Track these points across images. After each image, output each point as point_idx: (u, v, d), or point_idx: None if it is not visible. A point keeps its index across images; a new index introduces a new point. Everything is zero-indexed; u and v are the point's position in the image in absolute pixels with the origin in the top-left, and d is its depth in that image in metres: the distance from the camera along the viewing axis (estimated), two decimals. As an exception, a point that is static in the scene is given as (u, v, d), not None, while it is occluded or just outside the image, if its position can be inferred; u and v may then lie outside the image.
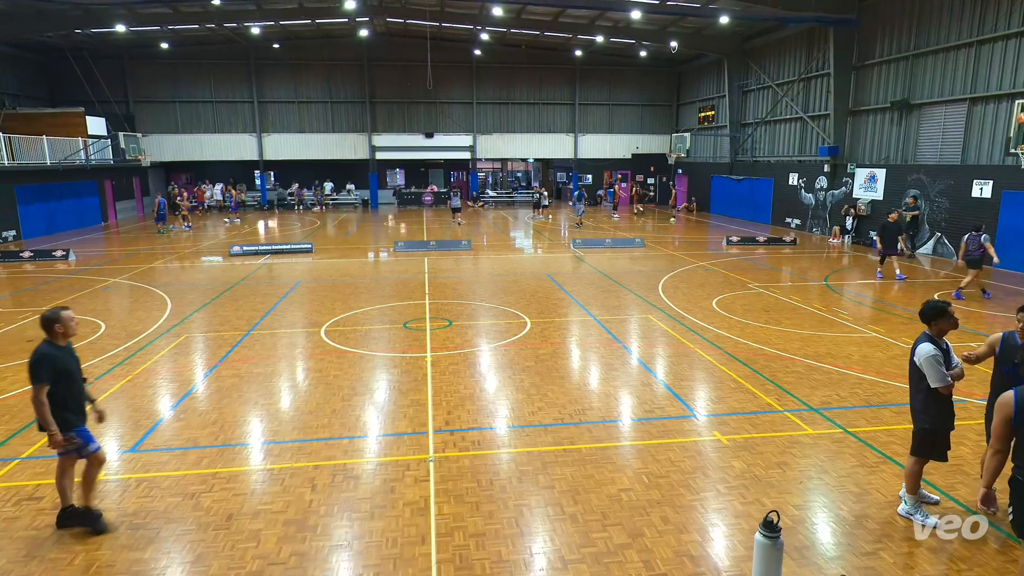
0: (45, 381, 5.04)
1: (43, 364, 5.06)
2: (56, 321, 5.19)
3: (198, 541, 5.14)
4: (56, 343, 5.22)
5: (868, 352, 9.92)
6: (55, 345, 5.21)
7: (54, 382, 5.09)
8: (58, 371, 5.11)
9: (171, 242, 23.70)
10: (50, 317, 5.21)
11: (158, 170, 37.12)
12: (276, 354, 10.09)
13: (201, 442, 6.94)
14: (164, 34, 31.25)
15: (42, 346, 5.17)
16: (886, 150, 21.87)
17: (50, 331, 5.21)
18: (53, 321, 5.19)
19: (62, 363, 5.17)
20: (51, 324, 5.20)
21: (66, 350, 5.30)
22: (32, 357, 5.09)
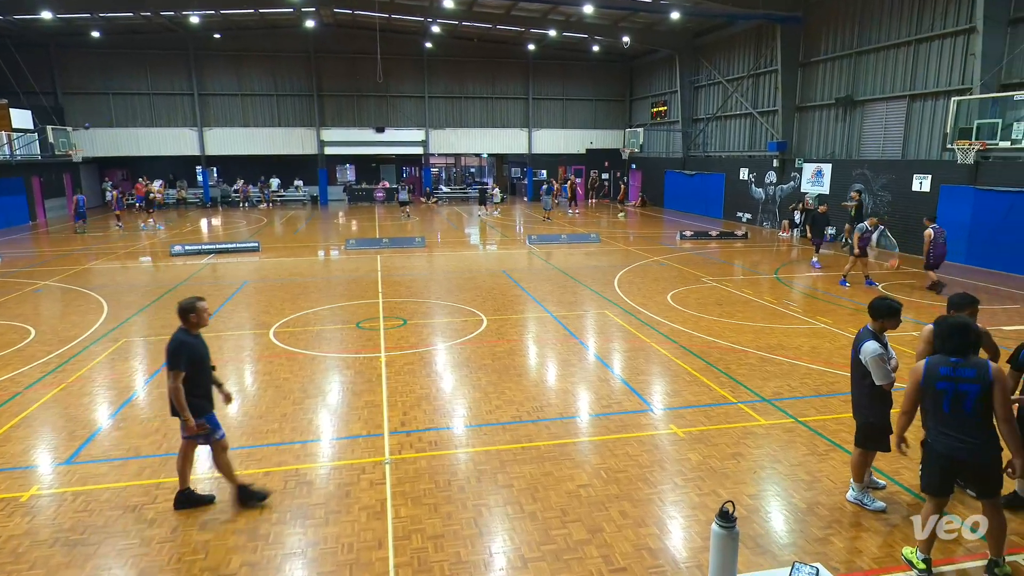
0: (182, 368, 5.24)
1: (182, 351, 5.25)
2: (192, 311, 5.39)
3: (141, 555, 4.91)
4: (190, 331, 5.42)
5: (817, 343, 10.22)
6: (189, 333, 5.41)
7: (189, 369, 5.28)
8: (193, 359, 5.32)
9: (107, 242, 22.65)
10: (186, 307, 5.41)
11: (91, 166, 35.35)
12: (222, 357, 9.71)
13: (143, 451, 6.64)
14: (95, 22, 29.65)
15: (178, 334, 5.36)
16: (831, 145, 22.63)
17: (186, 320, 5.41)
18: (189, 311, 5.39)
19: (197, 351, 5.39)
20: (187, 313, 5.40)
21: (198, 338, 5.50)
22: (171, 345, 5.28)
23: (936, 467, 4.54)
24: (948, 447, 4.43)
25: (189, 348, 5.31)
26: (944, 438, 4.45)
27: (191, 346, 5.34)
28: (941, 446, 4.47)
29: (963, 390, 4.33)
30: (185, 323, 5.42)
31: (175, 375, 5.23)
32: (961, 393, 4.34)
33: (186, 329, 5.42)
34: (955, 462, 4.44)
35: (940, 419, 4.47)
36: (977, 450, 4.36)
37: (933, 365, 4.44)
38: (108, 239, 23.42)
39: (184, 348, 5.28)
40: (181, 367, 5.24)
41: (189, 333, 5.42)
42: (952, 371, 4.36)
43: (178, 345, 5.27)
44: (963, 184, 17.24)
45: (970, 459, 4.39)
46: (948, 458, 4.45)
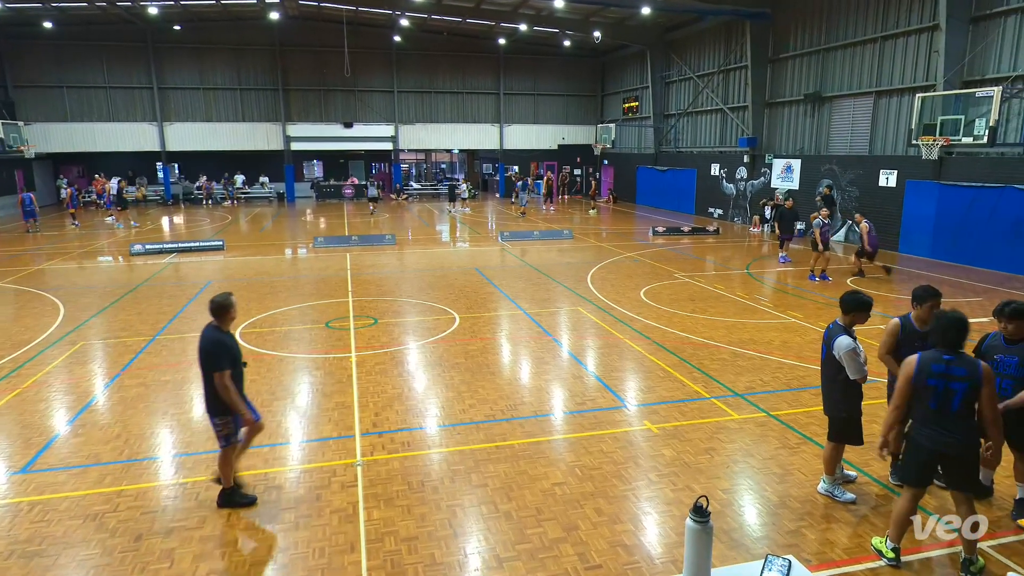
0: (228, 366, 5.19)
1: (223, 350, 5.21)
2: (230, 307, 5.34)
3: (103, 566, 4.76)
4: (223, 328, 5.35)
5: (788, 337, 10.36)
6: (221, 330, 5.33)
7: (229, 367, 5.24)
8: (232, 356, 5.29)
9: (63, 241, 21.91)
10: (223, 303, 5.32)
11: (45, 162, 34.12)
12: (186, 360, 9.45)
13: (103, 458, 6.42)
14: (47, 12, 28.49)
15: (213, 333, 5.28)
16: (801, 141, 23.01)
17: (221, 317, 5.32)
18: (227, 308, 5.32)
19: (235, 348, 5.36)
20: (224, 310, 5.32)
21: (229, 335, 5.42)
22: (208, 345, 5.20)
23: (917, 460, 4.60)
24: (932, 441, 4.47)
25: (228, 346, 5.28)
26: (928, 431, 4.50)
27: (229, 344, 5.31)
28: (925, 439, 4.51)
29: (953, 388, 4.35)
30: (220, 320, 5.34)
31: (222, 374, 5.17)
32: (950, 391, 4.36)
33: (218, 326, 5.34)
34: (937, 455, 4.50)
35: (925, 414, 4.51)
36: (959, 444, 4.41)
37: (926, 361, 4.45)
38: (64, 238, 22.64)
39: (224, 346, 5.25)
40: (226, 365, 5.20)
41: (221, 330, 5.34)
42: (945, 368, 4.37)
43: (217, 344, 5.22)
44: (928, 179, 17.68)
45: (952, 453, 4.45)
46: (931, 451, 4.50)
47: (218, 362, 5.18)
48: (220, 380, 5.18)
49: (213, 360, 5.18)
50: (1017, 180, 15.36)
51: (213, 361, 5.18)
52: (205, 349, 5.23)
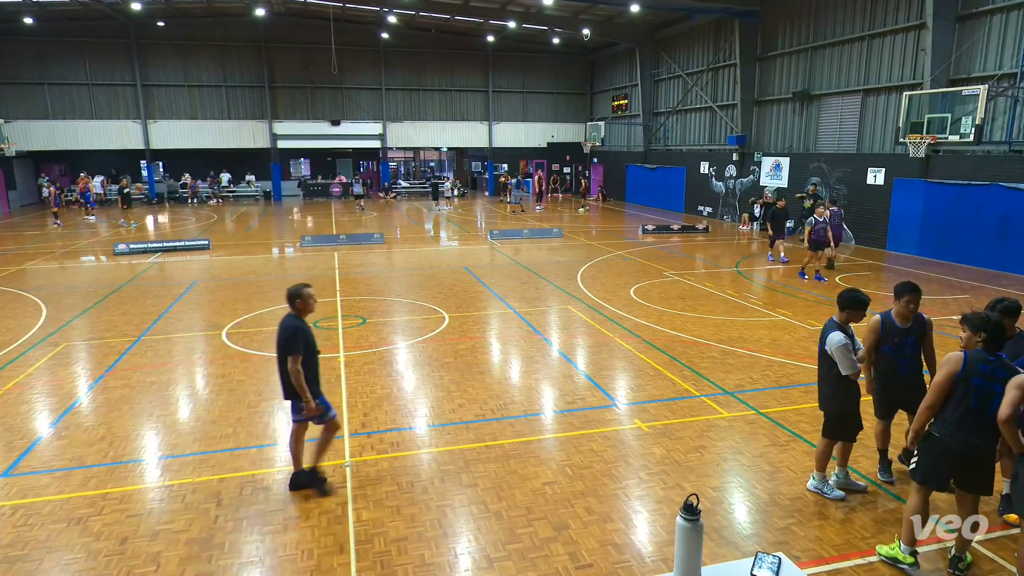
0: (300, 352, 5.42)
1: (298, 336, 5.45)
2: (298, 297, 5.59)
3: (88, 570, 4.70)
4: (300, 317, 5.61)
5: (777, 335, 10.41)
6: (299, 318, 5.59)
7: (304, 353, 5.46)
8: (307, 342, 5.52)
9: (45, 241, 21.61)
10: (294, 293, 5.61)
11: (26, 160, 33.60)
12: (172, 360, 9.36)
13: (87, 461, 6.33)
14: (27, 7, 28.07)
15: (291, 320, 5.56)
16: (789, 139, 23.13)
17: (293, 305, 5.62)
18: (295, 296, 5.60)
19: (310, 335, 5.59)
20: (294, 299, 5.60)
21: (306, 324, 5.65)
22: (286, 331, 5.47)
23: (943, 461, 4.46)
24: (962, 443, 4.35)
25: (304, 332, 5.51)
26: (960, 434, 4.35)
27: (305, 330, 5.54)
28: (954, 442, 4.37)
29: (996, 390, 4.24)
30: (293, 308, 5.60)
31: (294, 359, 5.40)
32: (992, 392, 4.25)
33: (296, 315, 5.59)
34: (963, 458, 4.39)
35: (963, 414, 4.35)
36: (985, 446, 4.35)
37: (973, 360, 4.33)
38: (46, 237, 22.34)
39: (300, 332, 5.48)
40: (300, 351, 5.42)
41: (298, 318, 5.58)
42: (991, 370, 4.28)
43: (294, 330, 5.47)
44: (915, 177, 17.83)
45: (978, 454, 4.37)
46: (959, 455, 4.38)
47: (293, 346, 5.42)
48: (292, 364, 5.42)
49: (286, 344, 5.45)
50: (1003, 178, 15.54)
51: (288, 346, 5.44)
52: (282, 335, 5.51)
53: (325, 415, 5.71)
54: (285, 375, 5.51)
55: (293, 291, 5.64)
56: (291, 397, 5.60)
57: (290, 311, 5.64)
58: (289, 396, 5.61)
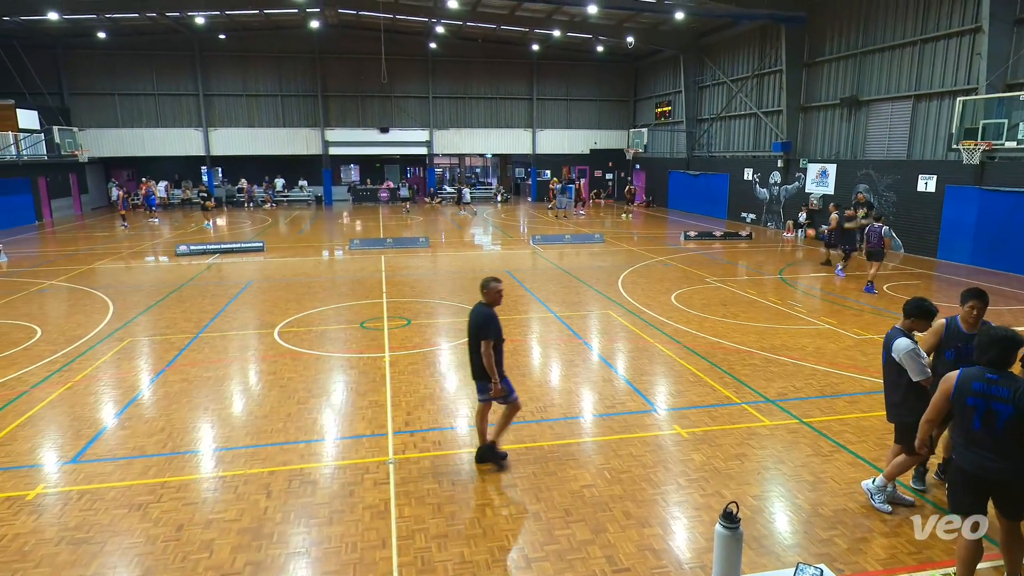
0: (494, 336, 5.92)
1: (493, 322, 5.97)
2: (484, 288, 6.12)
3: (146, 554, 4.92)
4: (491, 306, 6.11)
5: (821, 344, 10.19)
6: (490, 307, 6.08)
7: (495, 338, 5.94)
8: (498, 330, 5.98)
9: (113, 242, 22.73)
10: (483, 285, 6.16)
11: (97, 166, 35.51)
12: (227, 357, 9.75)
13: (148, 450, 6.65)
14: (101, 23, 29.77)
15: (485, 309, 6.06)
16: (836, 146, 22.57)
17: (488, 295, 6.11)
18: (483, 287, 6.13)
19: (499, 323, 6.05)
20: (483, 289, 6.13)
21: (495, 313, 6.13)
22: (480, 318, 5.98)
23: (963, 486, 4.24)
24: (976, 464, 4.13)
25: (496, 320, 6.00)
26: (972, 455, 4.15)
27: (496, 318, 6.01)
28: (968, 463, 4.16)
29: (995, 408, 4.02)
30: (486, 298, 6.13)
31: (487, 343, 5.89)
32: (993, 411, 4.03)
33: (487, 304, 6.10)
34: (983, 481, 4.15)
35: (970, 435, 4.16)
36: (1009, 470, 4.05)
37: (966, 379, 4.16)
38: (114, 239, 23.51)
39: (494, 319, 5.98)
40: (493, 335, 5.91)
41: (489, 307, 6.08)
42: (986, 387, 4.06)
43: (489, 317, 5.97)
44: (968, 184, 17.17)
45: (1000, 478, 4.09)
46: (976, 477, 4.15)
47: (487, 331, 5.90)
48: (485, 348, 5.89)
49: (481, 329, 5.92)
50: (1064, 185, 14.83)
51: (481, 330, 5.92)
52: (476, 322, 6.00)
53: (508, 396, 6.15)
54: (476, 357, 6.01)
55: (484, 282, 6.18)
56: (479, 378, 6.10)
57: (482, 300, 6.16)
58: (477, 376, 6.12)
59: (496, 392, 6.05)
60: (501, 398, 6.13)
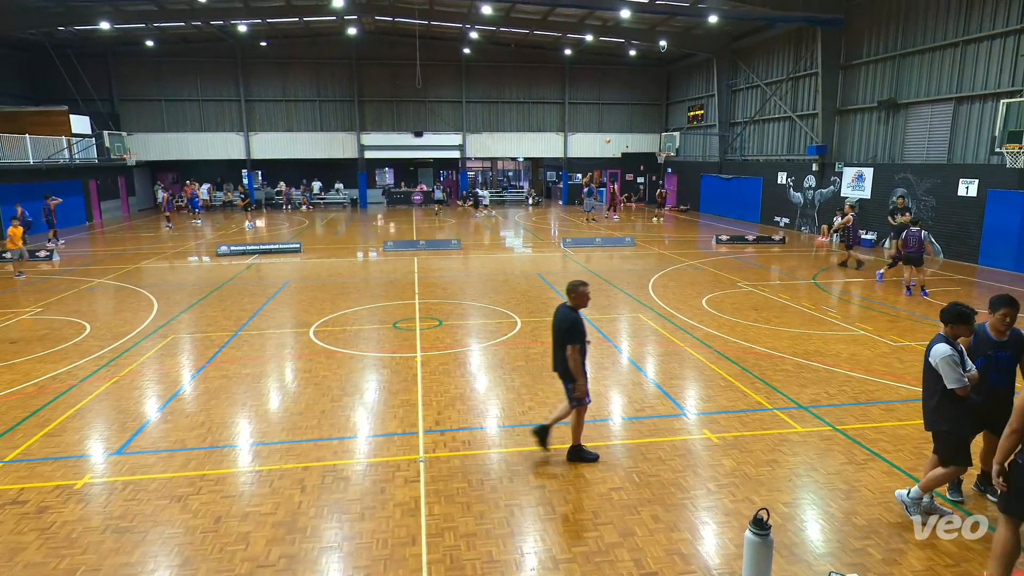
0: (579, 340, 6.06)
1: (578, 326, 6.11)
2: (572, 291, 6.26)
3: (186, 544, 5.09)
4: (576, 309, 6.23)
5: (856, 350, 9.99)
6: (575, 310, 6.22)
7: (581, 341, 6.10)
8: (583, 333, 6.14)
9: (158, 242, 23.47)
10: (570, 288, 6.29)
11: (144, 169, 36.74)
12: (264, 355, 10.01)
13: (188, 444, 6.88)
14: (149, 31, 30.88)
15: (568, 312, 6.21)
16: (873, 149, 22.08)
17: (574, 299, 6.26)
18: (571, 291, 6.28)
19: (584, 327, 6.21)
20: (570, 293, 6.28)
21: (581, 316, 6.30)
22: (565, 322, 6.13)
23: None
24: None
25: (581, 323, 6.13)
26: None
27: (581, 322, 6.15)
28: None
29: None
30: (572, 301, 6.24)
31: (574, 348, 6.04)
32: None
33: (572, 307, 6.22)
34: None
35: None
36: None
37: None
38: (159, 239, 24.27)
39: (579, 323, 6.11)
40: (578, 339, 6.05)
41: (575, 310, 6.20)
42: None
43: (575, 321, 6.11)
44: (1012, 189, 16.61)
45: None
46: None
47: (574, 335, 6.04)
48: (572, 352, 6.02)
49: (567, 334, 6.06)
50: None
51: (570, 335, 6.04)
52: (561, 326, 6.14)
53: (580, 401, 6.23)
54: (562, 359, 6.12)
55: (571, 285, 6.29)
56: (568, 379, 6.21)
57: (566, 303, 6.27)
58: (567, 378, 6.22)
59: (580, 393, 6.15)
60: (577, 400, 6.21)
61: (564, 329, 6.11)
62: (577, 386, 6.12)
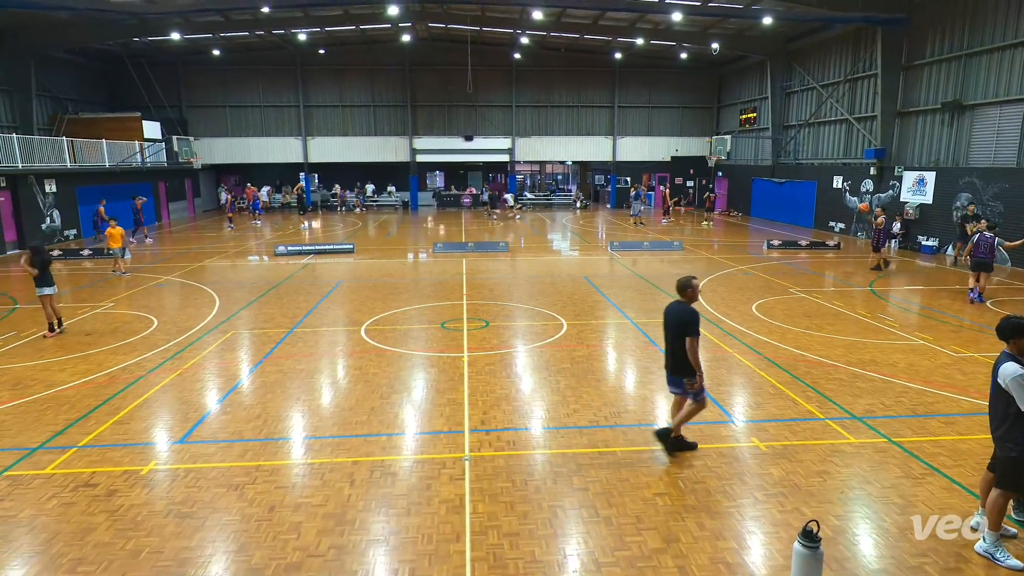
0: (698, 333, 6.23)
1: (696, 320, 6.25)
2: (688, 287, 6.42)
3: (241, 531, 5.30)
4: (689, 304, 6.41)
5: (915, 360, 9.62)
6: (688, 305, 6.36)
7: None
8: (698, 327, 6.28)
9: (220, 242, 24.46)
10: (685, 283, 6.46)
11: (209, 172, 38.39)
12: (318, 351, 10.33)
13: (245, 435, 7.15)
14: (216, 41, 32.28)
15: (681, 306, 6.38)
16: (936, 153, 21.18)
17: (684, 294, 6.44)
18: (686, 287, 6.43)
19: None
20: (684, 289, 6.43)
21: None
22: (685, 315, 6.27)
23: None
24: None
25: (698, 316, 6.30)
26: None
27: (699, 315, 6.32)
28: None
29: None
30: (683, 296, 6.41)
31: (693, 340, 6.18)
32: None
33: (683, 302, 6.39)
34: None
35: None
36: None
37: None
38: (221, 239, 25.29)
39: (697, 317, 6.28)
40: (698, 333, 6.21)
41: (687, 305, 6.36)
42: None
43: (694, 316, 6.25)
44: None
45: None
46: None
47: (694, 329, 6.18)
48: (692, 344, 6.17)
49: (688, 327, 6.19)
50: None
51: (688, 328, 6.19)
52: (679, 319, 6.28)
53: (700, 393, 6.37)
54: (678, 352, 6.27)
55: (684, 282, 6.43)
56: (676, 372, 6.35)
57: (680, 299, 6.42)
58: (674, 371, 6.37)
59: (700, 385, 6.28)
60: (693, 393, 6.33)
61: (684, 322, 6.21)
62: (697, 378, 6.23)
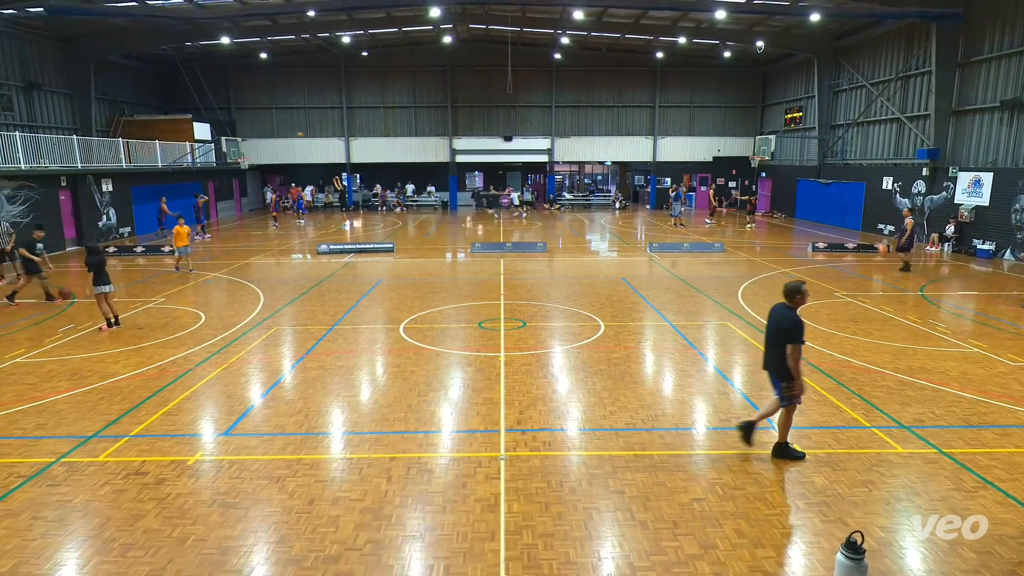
0: (802, 341, 6.16)
1: (801, 327, 6.18)
2: (797, 292, 6.37)
3: (282, 523, 5.43)
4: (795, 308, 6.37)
5: (968, 368, 9.26)
6: (794, 310, 6.34)
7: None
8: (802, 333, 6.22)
9: (265, 240, 25.10)
10: (794, 288, 6.40)
11: (255, 172, 39.46)
12: (358, 348, 10.50)
13: (287, 429, 7.33)
14: (263, 45, 33.18)
15: (787, 311, 6.32)
16: (994, 153, 20.28)
17: (792, 299, 6.37)
18: (795, 292, 6.37)
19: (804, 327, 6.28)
20: (793, 294, 6.37)
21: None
22: (789, 321, 6.20)
23: None
24: None
25: (803, 323, 6.21)
26: None
27: (802, 322, 6.23)
28: None
29: None
30: (791, 301, 6.35)
31: (795, 347, 6.11)
32: None
33: (790, 306, 6.34)
34: None
35: None
36: None
37: None
38: (266, 237, 25.97)
39: (802, 324, 6.19)
40: (800, 339, 6.14)
41: (793, 310, 6.32)
42: None
43: (798, 322, 6.17)
44: None
45: None
46: None
47: (798, 337, 6.11)
48: (794, 351, 6.11)
49: (792, 334, 6.11)
50: None
51: (792, 335, 6.11)
52: (781, 324, 6.21)
53: (793, 399, 6.31)
54: (779, 358, 6.20)
55: (793, 287, 6.35)
56: (784, 377, 6.27)
57: (786, 303, 6.35)
58: (782, 376, 6.29)
59: (800, 390, 6.20)
60: (788, 399, 6.26)
61: (786, 329, 6.12)
62: (795, 384, 6.14)
